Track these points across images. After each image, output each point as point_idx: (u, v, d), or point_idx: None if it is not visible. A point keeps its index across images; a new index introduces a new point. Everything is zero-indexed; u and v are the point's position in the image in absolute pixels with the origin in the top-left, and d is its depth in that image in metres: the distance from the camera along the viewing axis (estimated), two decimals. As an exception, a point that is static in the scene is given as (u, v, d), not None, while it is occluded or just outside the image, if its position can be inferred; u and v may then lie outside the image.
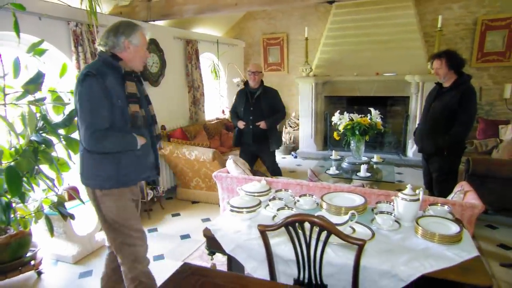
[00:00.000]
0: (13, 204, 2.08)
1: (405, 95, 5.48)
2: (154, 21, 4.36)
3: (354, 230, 1.65)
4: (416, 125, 5.14)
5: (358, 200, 1.93)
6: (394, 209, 1.84)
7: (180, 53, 4.90)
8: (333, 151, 4.26)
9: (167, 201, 4.16)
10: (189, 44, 4.94)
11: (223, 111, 5.85)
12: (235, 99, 3.81)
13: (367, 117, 3.83)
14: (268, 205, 1.99)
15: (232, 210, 1.85)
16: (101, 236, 3.09)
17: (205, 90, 5.33)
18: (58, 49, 3.17)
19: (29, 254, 2.53)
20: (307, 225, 1.43)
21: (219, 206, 3.45)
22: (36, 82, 1.97)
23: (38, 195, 2.36)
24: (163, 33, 4.50)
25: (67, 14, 3.17)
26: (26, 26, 2.73)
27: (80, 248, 2.86)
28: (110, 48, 1.77)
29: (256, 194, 2.04)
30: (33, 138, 1.98)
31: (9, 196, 1.91)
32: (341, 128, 3.91)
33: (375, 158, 3.99)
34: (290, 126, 6.61)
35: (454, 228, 1.63)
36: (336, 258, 1.50)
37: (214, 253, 1.80)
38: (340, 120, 3.95)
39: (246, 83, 3.70)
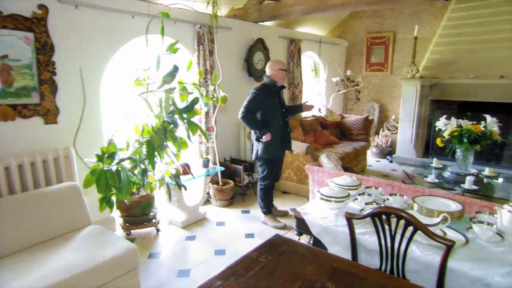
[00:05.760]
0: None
1: (538, 103, 4.68)
2: (263, 22, 4.73)
3: (445, 234, 1.63)
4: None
5: (454, 206, 1.86)
6: (497, 221, 1.73)
7: (283, 51, 5.20)
8: (434, 158, 3.97)
9: (260, 188, 4.50)
10: (293, 43, 5.19)
11: (319, 109, 5.96)
12: (260, 100, 3.08)
13: (481, 124, 3.46)
14: (356, 199, 2.07)
15: (321, 198, 2.00)
16: (204, 210, 3.60)
17: (304, 88, 5.52)
18: (184, 47, 3.76)
19: (151, 213, 3.14)
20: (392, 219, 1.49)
21: (307, 199, 3.61)
22: (172, 74, 2.45)
23: (161, 167, 2.91)
24: (269, 33, 4.84)
25: (194, 18, 3.74)
26: (165, 30, 3.33)
27: (188, 216, 3.39)
28: None
29: (345, 187, 2.14)
30: (166, 119, 2.48)
31: (146, 163, 2.44)
32: (446, 134, 3.62)
33: (487, 171, 3.57)
34: (388, 129, 6.31)
35: None
36: (421, 256, 1.52)
37: (301, 234, 2.00)
38: (446, 125, 3.65)
39: (272, 83, 3.17)
